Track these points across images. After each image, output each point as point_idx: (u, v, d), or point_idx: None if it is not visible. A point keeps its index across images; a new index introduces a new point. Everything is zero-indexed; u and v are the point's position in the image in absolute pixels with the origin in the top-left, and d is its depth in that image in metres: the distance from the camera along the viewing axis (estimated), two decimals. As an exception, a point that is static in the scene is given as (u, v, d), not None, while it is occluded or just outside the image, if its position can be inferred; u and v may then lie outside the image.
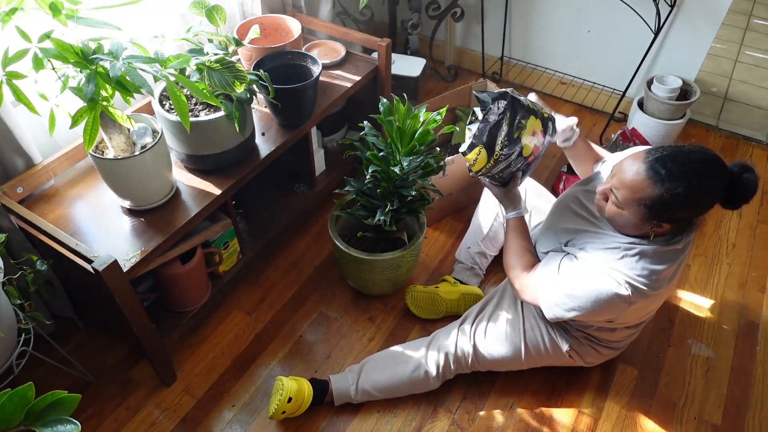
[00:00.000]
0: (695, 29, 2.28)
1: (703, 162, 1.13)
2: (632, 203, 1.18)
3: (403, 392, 1.60)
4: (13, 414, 0.82)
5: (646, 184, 1.14)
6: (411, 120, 1.51)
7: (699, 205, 1.16)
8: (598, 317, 1.31)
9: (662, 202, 1.13)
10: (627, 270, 1.21)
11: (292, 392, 1.51)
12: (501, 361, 1.56)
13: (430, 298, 1.81)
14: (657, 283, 1.22)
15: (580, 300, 1.26)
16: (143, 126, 1.40)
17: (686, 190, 1.11)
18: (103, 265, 1.24)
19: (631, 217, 1.20)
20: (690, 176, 1.11)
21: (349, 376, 1.60)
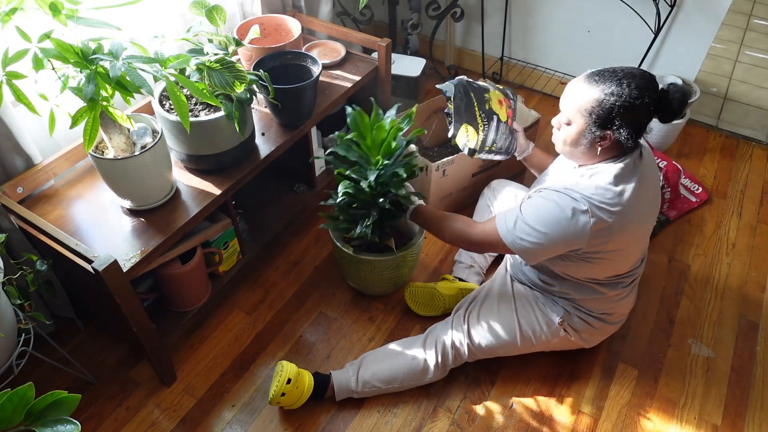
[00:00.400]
0: (695, 29, 2.28)
1: (632, 71, 1.23)
2: (576, 114, 1.27)
3: (404, 382, 1.60)
4: (13, 414, 0.82)
5: (585, 87, 1.25)
6: (377, 131, 1.49)
7: (633, 106, 1.21)
8: (560, 242, 1.29)
9: (600, 104, 1.23)
10: (582, 189, 1.26)
11: (292, 374, 1.52)
12: (497, 345, 1.57)
13: (428, 294, 1.81)
14: (613, 200, 1.25)
15: (540, 223, 1.28)
16: (143, 126, 1.40)
17: (619, 89, 1.21)
18: (103, 265, 1.24)
19: (578, 132, 1.28)
20: (621, 77, 1.22)
21: (350, 369, 1.61)
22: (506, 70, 2.81)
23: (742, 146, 2.47)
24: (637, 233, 1.34)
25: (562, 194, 1.27)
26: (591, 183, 1.27)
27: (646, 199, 1.31)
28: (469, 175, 2.07)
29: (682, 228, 2.13)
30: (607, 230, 1.26)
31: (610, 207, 1.25)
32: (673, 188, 2.14)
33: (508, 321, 1.56)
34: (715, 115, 2.50)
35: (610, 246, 1.31)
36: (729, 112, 2.45)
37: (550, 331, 1.54)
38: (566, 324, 1.53)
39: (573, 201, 1.25)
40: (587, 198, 1.25)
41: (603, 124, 1.24)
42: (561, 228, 1.26)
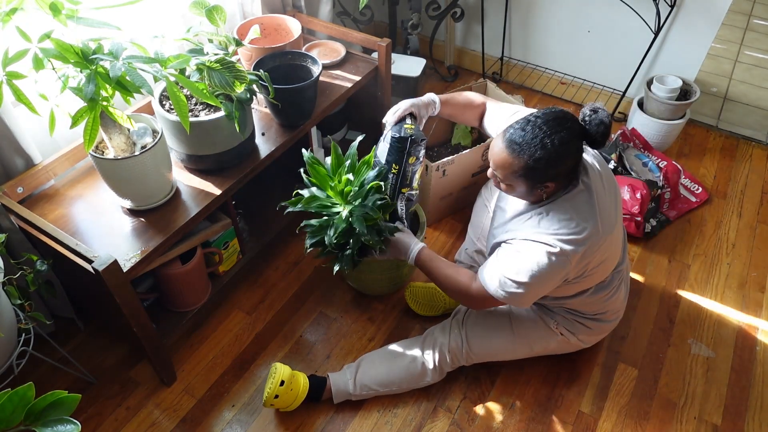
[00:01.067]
0: (695, 29, 2.28)
1: (548, 122, 1.22)
2: (512, 178, 1.28)
3: (401, 386, 1.60)
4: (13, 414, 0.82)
5: (512, 159, 1.25)
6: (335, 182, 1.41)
7: (563, 157, 1.22)
8: (547, 284, 1.32)
9: (532, 169, 1.23)
10: (546, 229, 1.28)
11: (285, 376, 1.52)
12: (494, 349, 1.57)
13: (429, 294, 1.81)
14: (578, 226, 1.26)
15: (523, 275, 1.29)
16: (143, 126, 1.40)
17: (544, 152, 1.20)
18: (103, 265, 1.24)
19: (520, 189, 1.30)
20: (543, 138, 1.20)
21: (347, 371, 1.61)
22: (506, 70, 2.81)
23: (742, 146, 2.47)
24: (610, 242, 1.35)
25: (533, 243, 1.28)
26: (551, 221, 1.29)
27: (606, 208, 1.33)
28: (469, 175, 2.07)
29: (682, 228, 2.13)
30: (583, 256, 1.29)
31: (578, 235, 1.26)
32: (673, 188, 2.14)
33: (504, 326, 1.56)
34: (715, 115, 2.50)
35: (591, 264, 1.33)
36: (729, 112, 2.45)
37: (546, 335, 1.54)
38: (562, 327, 1.53)
39: (545, 246, 1.27)
40: (554, 235, 1.27)
41: (539, 180, 1.26)
42: (543, 274, 1.28)
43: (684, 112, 2.32)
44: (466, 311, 1.62)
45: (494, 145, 1.29)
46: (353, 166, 1.44)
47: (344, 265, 1.46)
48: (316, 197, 1.45)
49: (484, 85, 2.29)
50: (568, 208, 1.28)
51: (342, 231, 1.40)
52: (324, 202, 1.45)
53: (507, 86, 2.80)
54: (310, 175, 1.45)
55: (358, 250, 1.47)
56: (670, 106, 2.25)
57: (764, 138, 2.46)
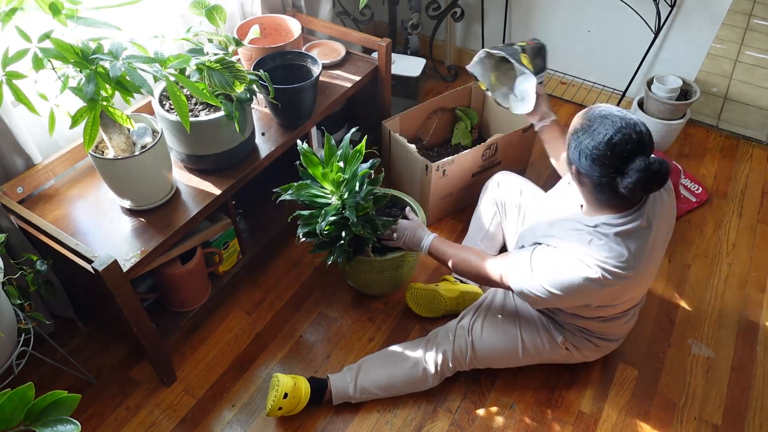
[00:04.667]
0: (695, 29, 2.28)
1: (620, 119, 1.17)
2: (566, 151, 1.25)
3: (401, 390, 1.60)
4: (13, 414, 0.82)
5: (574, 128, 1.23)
6: (326, 171, 1.43)
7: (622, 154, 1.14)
8: (571, 301, 1.31)
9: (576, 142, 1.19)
10: (595, 253, 1.23)
11: (288, 388, 1.51)
12: (499, 357, 1.57)
13: (430, 295, 1.81)
14: (627, 263, 1.23)
15: (552, 284, 1.27)
16: (143, 126, 1.40)
17: (587, 137, 1.17)
18: (103, 265, 1.24)
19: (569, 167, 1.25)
20: (599, 124, 1.17)
21: (348, 374, 1.60)
22: (506, 70, 2.81)
23: (742, 146, 2.47)
24: (647, 280, 1.35)
25: (577, 260, 1.24)
26: (604, 248, 1.23)
27: (658, 250, 1.31)
28: (470, 175, 2.07)
29: (682, 228, 2.13)
30: (617, 292, 1.27)
31: (623, 270, 1.22)
32: (673, 188, 2.14)
33: (512, 335, 1.55)
34: (715, 115, 2.50)
35: (622, 299, 1.34)
36: (729, 112, 2.45)
37: (552, 348, 1.54)
38: (569, 343, 1.53)
39: (587, 269, 1.23)
40: (600, 264, 1.22)
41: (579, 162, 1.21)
42: (572, 292, 1.26)
43: (684, 112, 2.32)
44: (472, 317, 1.60)
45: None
46: (345, 156, 1.46)
47: (337, 257, 1.48)
48: (306, 185, 1.47)
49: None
50: (625, 240, 1.23)
51: (334, 221, 1.41)
52: (316, 192, 1.46)
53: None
54: (305, 166, 1.47)
55: (353, 244, 1.48)
56: (670, 106, 2.25)
57: (764, 138, 2.46)
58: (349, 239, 1.46)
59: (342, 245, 1.47)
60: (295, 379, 1.55)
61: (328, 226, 1.43)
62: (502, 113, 2.26)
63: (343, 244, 1.46)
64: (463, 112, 2.30)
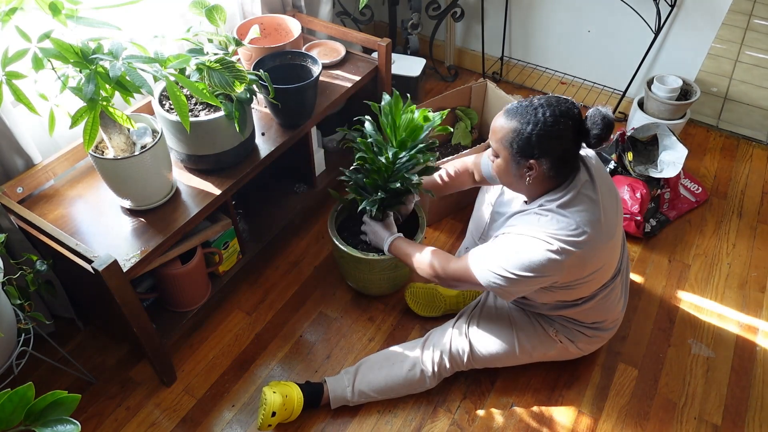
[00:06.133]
0: (695, 29, 2.28)
1: (549, 100, 1.25)
2: (500, 147, 1.30)
3: (399, 392, 1.60)
4: (13, 414, 0.82)
5: (504, 122, 1.28)
6: (407, 114, 1.51)
7: (552, 135, 1.22)
8: (535, 281, 1.31)
9: (518, 134, 1.25)
10: (545, 228, 1.27)
11: (276, 406, 1.49)
12: (496, 356, 1.56)
13: (429, 294, 1.81)
14: (578, 230, 1.25)
15: (514, 266, 1.28)
16: (143, 126, 1.40)
17: (535, 119, 1.23)
18: (103, 265, 1.24)
19: (505, 163, 1.31)
20: (537, 109, 1.24)
21: (345, 378, 1.60)
22: (506, 70, 2.81)
23: (742, 146, 2.47)
24: (609, 248, 1.35)
25: (530, 238, 1.28)
26: (551, 221, 1.27)
27: (609, 214, 1.32)
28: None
29: (682, 228, 2.13)
30: (579, 260, 1.27)
31: (577, 238, 1.25)
32: (673, 188, 2.14)
33: (507, 332, 1.55)
34: (715, 115, 2.50)
35: (587, 270, 1.32)
36: (729, 112, 2.45)
37: (546, 342, 1.54)
38: (561, 335, 1.53)
39: (542, 242, 1.26)
40: (553, 236, 1.25)
41: (524, 153, 1.25)
42: (536, 269, 1.27)
43: (684, 112, 2.32)
44: (468, 317, 1.60)
45: (494, 119, 1.33)
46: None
47: (370, 206, 1.58)
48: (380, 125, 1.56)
49: (484, 85, 2.29)
50: (570, 211, 1.27)
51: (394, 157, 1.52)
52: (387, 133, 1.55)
53: (507, 86, 2.80)
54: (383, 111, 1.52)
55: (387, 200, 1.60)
56: (670, 106, 2.25)
57: (764, 138, 2.45)
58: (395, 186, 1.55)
59: (390, 191, 1.58)
60: (286, 389, 1.53)
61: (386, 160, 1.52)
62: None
63: (392, 187, 1.55)
64: (463, 112, 2.30)
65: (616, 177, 2.10)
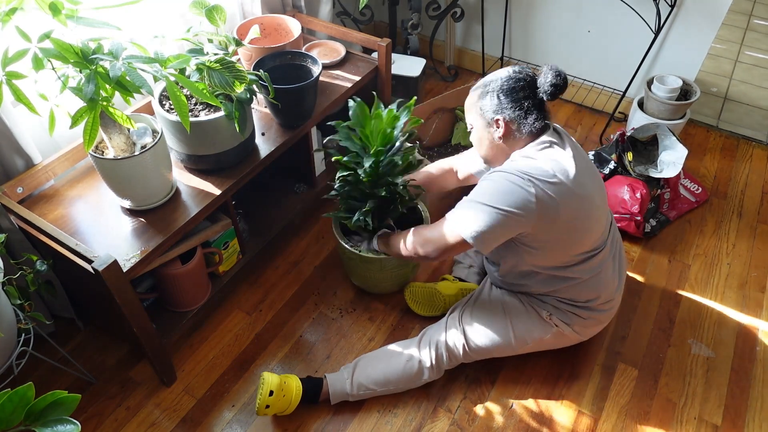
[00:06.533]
0: (695, 29, 2.28)
1: (506, 69, 1.40)
2: (471, 116, 1.44)
3: (398, 385, 1.60)
4: (13, 414, 0.82)
5: (471, 95, 1.44)
6: (375, 120, 1.51)
7: (510, 89, 1.35)
8: (513, 217, 1.31)
9: (480, 97, 1.40)
10: (517, 168, 1.34)
11: (273, 386, 1.51)
12: (492, 345, 1.56)
13: (429, 293, 1.81)
14: (549, 173, 1.31)
15: (488, 197, 1.33)
16: (143, 126, 1.40)
17: (492, 79, 1.39)
18: (103, 265, 1.24)
19: (478, 129, 1.43)
20: (494, 74, 1.40)
21: (344, 372, 1.61)
22: (506, 70, 2.81)
23: (742, 146, 2.47)
24: (584, 204, 1.36)
25: (505, 173, 1.34)
26: (524, 162, 1.35)
27: (580, 168, 1.35)
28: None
29: (682, 228, 2.13)
30: (549, 200, 1.30)
31: (548, 178, 1.30)
32: (673, 188, 2.14)
33: (500, 320, 1.56)
34: (715, 115, 2.50)
35: (559, 219, 1.33)
36: (729, 112, 2.45)
37: (541, 326, 1.54)
38: (554, 318, 1.52)
39: (515, 176, 1.31)
40: (525, 173, 1.31)
41: (489, 111, 1.38)
42: (508, 199, 1.31)
43: (684, 112, 2.32)
44: (462, 308, 1.62)
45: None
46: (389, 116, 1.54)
47: (365, 219, 1.57)
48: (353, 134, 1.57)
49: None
50: (538, 154, 1.35)
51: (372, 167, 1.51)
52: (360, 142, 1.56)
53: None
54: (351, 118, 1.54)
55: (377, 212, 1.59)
56: (670, 106, 2.25)
57: (764, 138, 2.46)
58: (380, 194, 1.55)
59: (378, 197, 1.58)
60: (285, 378, 1.55)
61: (365, 173, 1.52)
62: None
63: (379, 194, 1.56)
64: (463, 112, 2.29)
65: (616, 177, 2.10)
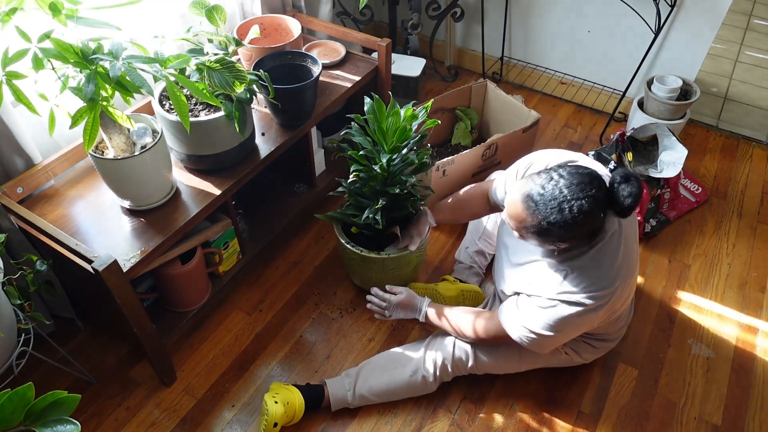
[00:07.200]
0: (695, 29, 2.28)
1: (570, 186, 1.15)
2: (524, 231, 1.23)
3: (400, 396, 1.60)
4: (13, 414, 0.82)
5: (526, 214, 1.19)
6: (392, 117, 1.52)
7: (580, 225, 1.15)
8: (573, 334, 1.37)
9: (544, 230, 1.18)
10: (575, 287, 1.25)
11: (278, 417, 1.47)
12: (499, 365, 1.57)
13: (429, 294, 1.81)
14: (608, 282, 1.25)
15: (548, 329, 1.30)
16: (143, 126, 1.40)
17: (561, 216, 1.14)
18: (103, 265, 1.24)
19: (532, 242, 1.25)
20: (561, 202, 1.14)
21: (346, 381, 1.59)
22: (506, 70, 2.81)
23: (742, 146, 2.47)
24: (633, 283, 1.37)
25: (561, 303, 1.27)
26: (578, 279, 1.25)
27: (630, 244, 1.31)
28: (470, 175, 2.06)
29: (682, 228, 2.13)
30: (613, 303, 1.29)
31: (608, 288, 1.25)
32: (673, 188, 2.14)
33: (512, 347, 1.53)
34: (715, 115, 2.50)
35: (618, 304, 1.35)
36: (729, 112, 2.45)
37: (551, 354, 1.54)
38: (567, 347, 1.54)
39: (575, 307, 1.26)
40: (583, 293, 1.24)
41: (553, 242, 1.21)
42: (571, 327, 1.31)
43: (684, 112, 2.32)
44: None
45: (510, 198, 1.23)
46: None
47: (375, 216, 1.55)
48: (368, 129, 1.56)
49: (485, 85, 2.29)
50: (596, 263, 1.24)
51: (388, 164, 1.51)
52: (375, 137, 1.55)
53: (507, 86, 2.80)
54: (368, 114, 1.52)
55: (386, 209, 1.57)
56: (670, 106, 2.25)
57: (764, 138, 2.45)
58: (395, 191, 1.53)
59: (390, 195, 1.56)
60: (287, 397, 1.51)
61: (381, 168, 1.50)
62: (502, 113, 2.26)
63: (392, 192, 1.54)
64: (463, 112, 2.30)
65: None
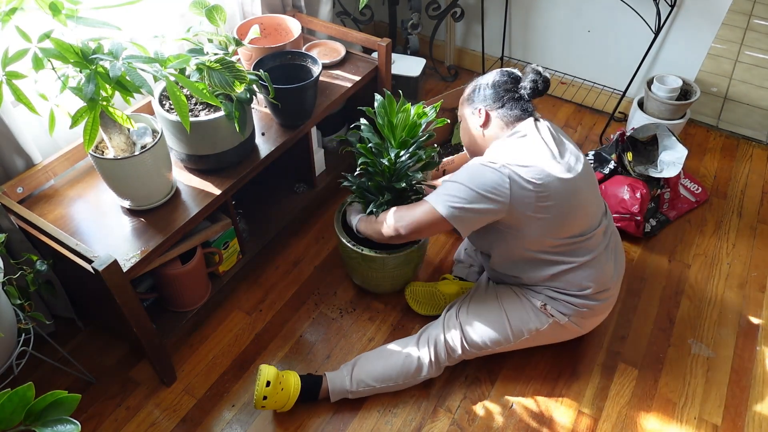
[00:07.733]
0: (695, 29, 2.28)
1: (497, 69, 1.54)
2: (461, 110, 1.57)
3: (398, 381, 1.60)
4: (13, 414, 0.82)
5: (465, 89, 1.58)
6: (402, 114, 1.53)
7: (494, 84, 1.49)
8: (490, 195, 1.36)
9: (472, 90, 1.54)
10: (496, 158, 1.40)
11: (270, 376, 1.51)
12: (490, 341, 1.56)
13: (429, 293, 1.81)
14: (519, 158, 1.37)
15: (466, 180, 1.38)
16: (143, 126, 1.40)
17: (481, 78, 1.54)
18: (103, 265, 1.24)
19: (464, 121, 1.56)
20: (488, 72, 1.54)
21: (344, 369, 1.61)
22: (506, 70, 2.81)
23: (742, 146, 2.47)
24: (565, 187, 1.37)
25: (481, 159, 1.42)
26: (501, 151, 1.42)
27: (559, 153, 1.41)
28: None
29: (682, 228, 2.13)
30: (525, 182, 1.35)
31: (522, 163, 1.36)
32: (673, 188, 2.14)
33: (496, 313, 1.56)
34: (715, 115, 2.50)
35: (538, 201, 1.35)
36: (729, 112, 2.45)
37: (536, 317, 1.53)
38: (549, 308, 1.51)
39: (490, 162, 1.39)
40: (499, 160, 1.38)
41: (476, 102, 1.50)
42: (483, 181, 1.36)
43: (684, 112, 2.32)
44: (460, 305, 1.62)
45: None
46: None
47: (380, 210, 1.58)
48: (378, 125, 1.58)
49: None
50: (513, 145, 1.42)
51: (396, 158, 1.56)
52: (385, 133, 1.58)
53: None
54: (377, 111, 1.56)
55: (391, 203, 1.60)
56: (670, 106, 2.25)
57: (764, 138, 2.46)
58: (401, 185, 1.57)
59: (396, 190, 1.61)
60: (284, 372, 1.56)
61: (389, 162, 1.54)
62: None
63: (398, 187, 1.58)
64: (463, 112, 2.30)
65: (616, 177, 2.10)
